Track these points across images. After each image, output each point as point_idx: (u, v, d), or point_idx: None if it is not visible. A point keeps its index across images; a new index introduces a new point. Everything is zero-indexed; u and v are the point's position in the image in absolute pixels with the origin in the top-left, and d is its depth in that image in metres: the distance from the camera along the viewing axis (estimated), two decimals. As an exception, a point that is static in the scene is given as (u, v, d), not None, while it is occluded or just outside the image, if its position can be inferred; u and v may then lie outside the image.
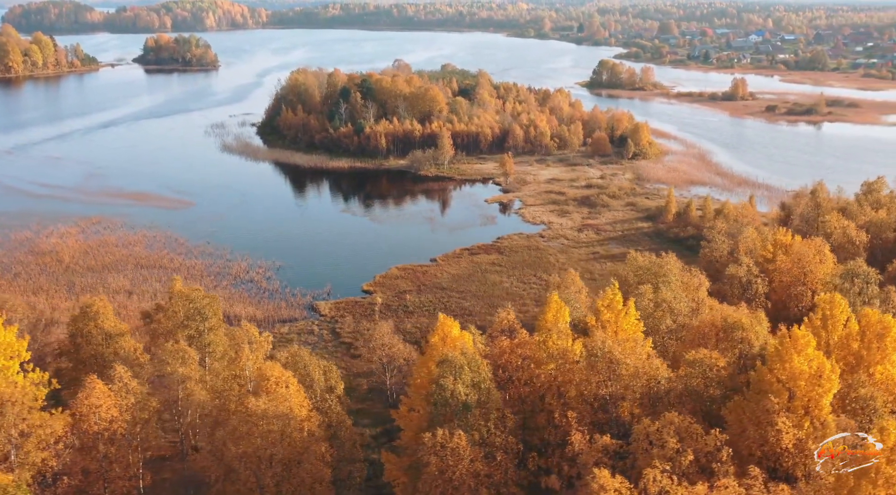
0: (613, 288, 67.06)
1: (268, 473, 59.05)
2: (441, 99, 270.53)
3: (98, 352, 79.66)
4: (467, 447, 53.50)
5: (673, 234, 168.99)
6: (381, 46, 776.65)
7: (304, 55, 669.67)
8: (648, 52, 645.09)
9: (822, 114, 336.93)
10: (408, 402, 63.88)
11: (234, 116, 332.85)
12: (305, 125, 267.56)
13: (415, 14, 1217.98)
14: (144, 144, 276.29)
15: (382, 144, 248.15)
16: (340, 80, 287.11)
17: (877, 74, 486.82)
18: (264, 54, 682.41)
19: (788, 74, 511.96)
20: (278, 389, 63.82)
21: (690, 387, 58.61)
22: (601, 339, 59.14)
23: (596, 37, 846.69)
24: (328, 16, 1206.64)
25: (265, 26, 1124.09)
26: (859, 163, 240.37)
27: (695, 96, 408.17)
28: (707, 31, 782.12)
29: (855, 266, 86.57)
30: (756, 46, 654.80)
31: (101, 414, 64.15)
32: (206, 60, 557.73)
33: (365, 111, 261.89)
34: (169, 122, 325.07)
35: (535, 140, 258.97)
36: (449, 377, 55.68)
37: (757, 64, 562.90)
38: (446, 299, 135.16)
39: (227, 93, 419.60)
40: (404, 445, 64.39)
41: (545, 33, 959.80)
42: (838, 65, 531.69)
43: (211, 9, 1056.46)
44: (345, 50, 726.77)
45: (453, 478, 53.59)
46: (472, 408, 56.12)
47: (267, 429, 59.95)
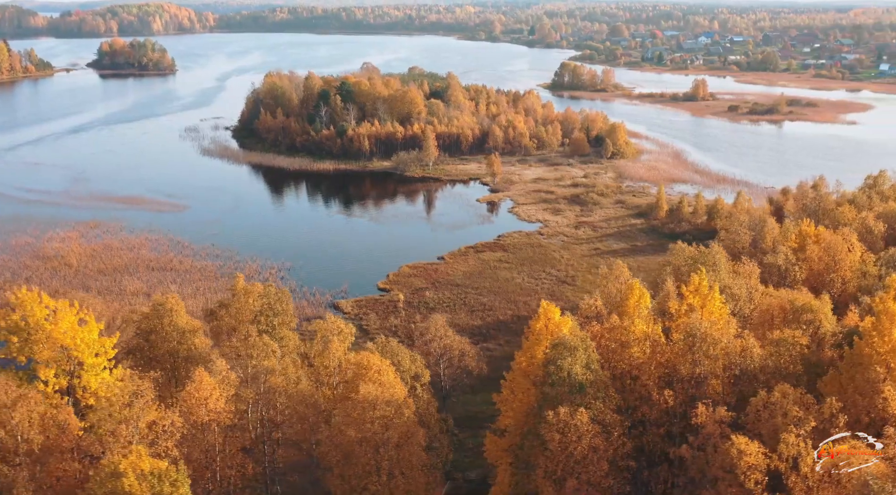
0: (701, 273, 70.81)
1: (385, 456, 61.76)
2: (420, 101, 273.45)
3: (172, 349, 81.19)
4: (588, 423, 56.80)
5: (668, 230, 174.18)
6: (334, 50, 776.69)
7: (259, 59, 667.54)
8: (602, 55, 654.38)
9: (783, 113, 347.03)
10: (509, 386, 66.87)
11: (205, 120, 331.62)
12: (285, 128, 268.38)
13: (363, 18, 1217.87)
14: (122, 149, 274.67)
15: (366, 146, 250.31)
16: (316, 83, 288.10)
17: (827, 75, 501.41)
18: (219, 58, 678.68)
19: (741, 75, 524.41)
20: (380, 377, 66.48)
21: (778, 365, 62.65)
22: (698, 320, 62.94)
23: (547, 39, 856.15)
24: (276, 20, 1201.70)
25: (213, 30, 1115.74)
26: (826, 160, 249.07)
27: (656, 97, 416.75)
28: (657, 34, 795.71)
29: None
30: (707, 48, 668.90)
31: (209, 405, 66.18)
32: (164, 65, 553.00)
33: (346, 114, 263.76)
34: (139, 127, 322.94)
35: (515, 141, 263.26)
36: (567, 358, 58.97)
37: (710, 65, 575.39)
38: (464, 295, 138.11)
39: (192, 97, 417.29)
40: (503, 427, 67.37)
41: (496, 36, 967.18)
42: (789, 65, 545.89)
43: (158, 13, 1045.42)
44: (299, 54, 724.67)
45: (575, 453, 56.86)
46: (586, 388, 59.51)
47: (381, 415, 62.66)
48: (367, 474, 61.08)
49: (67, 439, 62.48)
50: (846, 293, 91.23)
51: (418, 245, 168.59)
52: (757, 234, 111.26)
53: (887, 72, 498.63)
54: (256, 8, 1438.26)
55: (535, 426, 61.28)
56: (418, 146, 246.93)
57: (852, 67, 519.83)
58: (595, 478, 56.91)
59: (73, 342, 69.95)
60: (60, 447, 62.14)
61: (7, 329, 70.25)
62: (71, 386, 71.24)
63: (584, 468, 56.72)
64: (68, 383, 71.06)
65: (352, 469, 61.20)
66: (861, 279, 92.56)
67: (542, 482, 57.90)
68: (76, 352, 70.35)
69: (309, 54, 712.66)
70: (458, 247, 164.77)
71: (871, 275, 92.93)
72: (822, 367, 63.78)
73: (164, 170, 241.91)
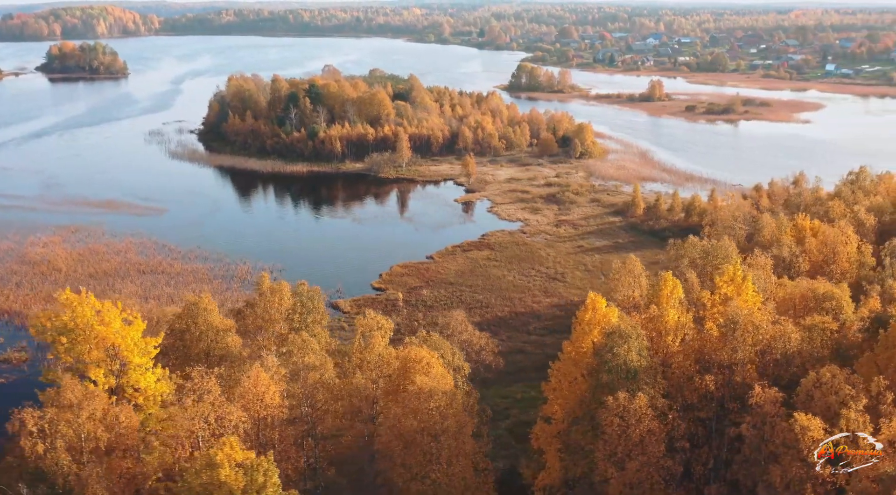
0: (736, 264, 74.14)
1: (445, 444, 63.91)
2: (388, 103, 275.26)
3: (207, 348, 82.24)
4: (646, 407, 59.62)
5: (647, 227, 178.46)
6: (285, 52, 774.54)
7: (209, 62, 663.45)
8: (554, 56, 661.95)
9: (738, 113, 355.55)
10: (557, 375, 69.34)
11: (168, 123, 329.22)
12: (255, 131, 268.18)
13: (311, 20, 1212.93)
14: (89, 153, 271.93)
15: (338, 148, 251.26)
16: (283, 86, 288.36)
17: (776, 75, 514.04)
18: (169, 61, 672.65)
19: (692, 75, 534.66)
20: (430, 369, 68.60)
21: (811, 349, 66.24)
22: (737, 307, 66.17)
23: (497, 41, 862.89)
24: (222, 22, 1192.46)
25: (158, 33, 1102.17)
26: (787, 158, 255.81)
27: (614, 98, 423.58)
28: (605, 35, 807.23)
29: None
30: (656, 49, 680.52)
31: (265, 400, 67.65)
32: (115, 68, 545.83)
33: (315, 116, 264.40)
34: (102, 131, 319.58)
35: (484, 141, 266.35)
36: (623, 345, 61.69)
37: (661, 66, 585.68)
38: (459, 293, 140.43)
39: (149, 100, 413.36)
40: (550, 414, 69.87)
41: (445, 38, 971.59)
42: (737, 66, 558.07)
43: (101, 16, 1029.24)
44: (250, 56, 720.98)
45: (633, 436, 59.63)
46: (640, 374, 62.35)
47: (437, 405, 64.81)
48: (429, 462, 63.10)
49: (130, 437, 63.57)
50: (845, 282, 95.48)
51: (405, 245, 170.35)
52: (752, 229, 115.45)
53: (833, 72, 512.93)
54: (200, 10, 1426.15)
55: (588, 412, 63.91)
56: (390, 148, 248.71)
57: (799, 68, 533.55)
58: (653, 459, 59.74)
59: (124, 342, 70.88)
60: (124, 444, 63.20)
61: (56, 330, 70.91)
62: (119, 385, 72.11)
63: (643, 450, 59.48)
64: (117, 383, 71.95)
65: (413, 457, 63.20)
66: (859, 269, 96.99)
67: (602, 464, 60.49)
68: (126, 352, 71.27)
69: (259, 57, 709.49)
70: (444, 247, 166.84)
71: (868, 265, 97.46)
72: (850, 350, 67.45)
73: (135, 173, 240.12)
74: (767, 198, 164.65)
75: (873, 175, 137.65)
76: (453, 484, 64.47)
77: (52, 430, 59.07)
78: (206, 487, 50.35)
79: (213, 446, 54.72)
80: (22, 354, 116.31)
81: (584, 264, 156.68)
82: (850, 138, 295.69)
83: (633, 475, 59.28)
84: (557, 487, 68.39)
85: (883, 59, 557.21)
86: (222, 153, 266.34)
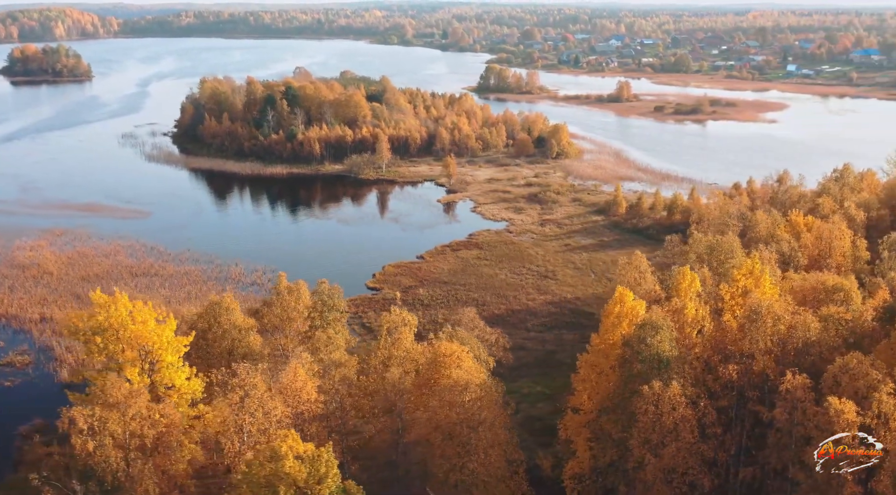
0: (754, 258, 76.89)
1: (483, 435, 65.84)
2: (365, 105, 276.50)
3: (231, 347, 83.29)
4: (680, 395, 62.01)
5: (631, 225, 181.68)
6: (249, 54, 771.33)
7: (173, 65, 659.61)
8: (519, 58, 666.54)
9: (706, 113, 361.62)
10: (585, 366, 71.47)
11: (140, 126, 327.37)
12: (232, 133, 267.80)
13: (272, 22, 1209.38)
14: (64, 157, 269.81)
15: (317, 150, 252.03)
16: (258, 88, 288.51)
17: (738, 75, 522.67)
18: (132, 64, 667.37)
19: (656, 76, 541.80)
20: (463, 363, 70.47)
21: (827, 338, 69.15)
22: (759, 298, 68.87)
23: (461, 43, 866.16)
24: (182, 24, 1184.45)
25: (117, 35, 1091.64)
26: (757, 157, 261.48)
27: (582, 99, 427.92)
28: (568, 37, 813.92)
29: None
30: (619, 51, 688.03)
31: (302, 395, 69.08)
32: (79, 71, 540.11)
33: (293, 118, 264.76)
34: (74, 134, 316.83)
35: (461, 142, 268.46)
36: (656, 336, 64.04)
37: (625, 67, 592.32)
38: (454, 292, 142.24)
39: (118, 103, 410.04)
40: (577, 405, 72.03)
41: (408, 40, 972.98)
42: (700, 67, 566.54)
43: (59, 18, 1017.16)
44: (213, 58, 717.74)
45: (667, 423, 61.98)
46: (671, 363, 64.79)
47: (473, 397, 66.78)
48: (467, 453, 64.93)
49: (173, 434, 64.65)
50: (852, 275, 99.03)
51: (394, 245, 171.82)
52: (745, 225, 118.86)
53: (794, 72, 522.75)
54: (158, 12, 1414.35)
55: (621, 401, 66.19)
56: (369, 149, 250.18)
57: (761, 68, 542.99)
58: (687, 445, 62.17)
59: (159, 340, 71.86)
60: (166, 441, 64.25)
61: (91, 329, 71.64)
62: (152, 383, 73.04)
63: (677, 436, 61.86)
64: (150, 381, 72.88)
65: (452, 449, 65.01)
66: (854, 263, 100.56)
67: (638, 450, 62.77)
68: (161, 351, 72.25)
69: (223, 59, 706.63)
70: (434, 247, 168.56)
71: (863, 259, 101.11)
72: (863, 339, 70.49)
73: (113, 176, 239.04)
74: (748, 195, 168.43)
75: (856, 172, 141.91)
76: (490, 474, 66.46)
77: (101, 428, 59.93)
78: (269, 479, 51.72)
79: (260, 441, 56.11)
80: (24, 357, 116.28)
81: (572, 262, 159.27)
82: (817, 137, 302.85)
83: (668, 460, 61.65)
84: (587, 475, 70.58)
85: (842, 60, 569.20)
86: (199, 155, 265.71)
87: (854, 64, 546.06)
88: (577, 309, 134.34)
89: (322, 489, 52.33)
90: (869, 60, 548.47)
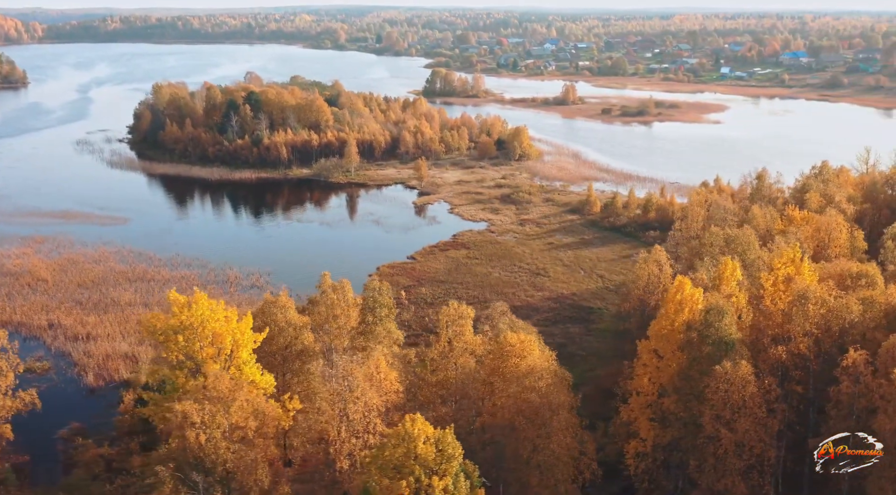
0: (794, 246, 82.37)
1: (563, 417, 70.04)
2: (327, 109, 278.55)
3: (288, 344, 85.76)
4: (750, 374, 67.09)
5: (608, 223, 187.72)
6: (184, 60, 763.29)
7: (109, 71, 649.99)
8: (457, 61, 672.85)
9: (652, 114, 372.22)
10: (646, 352, 75.96)
11: (92, 133, 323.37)
12: (195, 139, 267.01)
13: (201, 27, 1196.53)
14: (22, 164, 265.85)
15: (284, 155, 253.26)
16: (217, 93, 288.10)
17: (674, 78, 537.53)
18: (67, 70, 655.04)
19: (594, 79, 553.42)
20: (532, 352, 74.53)
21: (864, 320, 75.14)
22: (806, 283, 74.47)
23: (396, 47, 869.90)
24: (109, 29, 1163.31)
25: (42, 41, 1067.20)
26: (711, 156, 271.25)
27: (529, 102, 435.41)
28: (503, 41, 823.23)
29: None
30: (555, 54, 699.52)
31: (386, 386, 72.31)
32: (14, 77, 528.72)
33: (257, 123, 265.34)
34: (25, 142, 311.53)
35: (424, 145, 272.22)
36: (723, 320, 69.04)
37: (563, 70, 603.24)
38: (453, 290, 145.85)
39: (62, 110, 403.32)
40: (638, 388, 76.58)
41: (342, 44, 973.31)
42: (636, 70, 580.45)
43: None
44: (148, 64, 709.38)
45: (737, 400, 66.99)
46: (735, 345, 69.94)
47: (549, 382, 70.99)
48: (547, 435, 69.01)
49: (271, 425, 67.35)
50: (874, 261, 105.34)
51: (381, 246, 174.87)
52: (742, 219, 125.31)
53: (728, 74, 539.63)
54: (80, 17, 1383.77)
55: (686, 381, 71.01)
56: (335, 153, 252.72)
57: (696, 71, 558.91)
58: (758, 420, 67.32)
59: (241, 337, 74.30)
60: (264, 432, 66.89)
61: (173, 328, 73.63)
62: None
63: (748, 412, 66.92)
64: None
65: (535, 431, 68.99)
66: (853, 254, 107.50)
67: (711, 425, 67.61)
68: (240, 347, 74.67)
69: (158, 65, 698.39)
70: (422, 247, 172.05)
71: (860, 249, 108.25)
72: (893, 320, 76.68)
73: (80, 183, 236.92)
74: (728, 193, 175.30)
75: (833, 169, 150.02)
76: (569, 455, 70.70)
77: (210, 421, 62.30)
78: (402, 460, 55.03)
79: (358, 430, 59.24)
80: (43, 364, 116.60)
81: (560, 260, 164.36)
82: (763, 137, 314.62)
83: (742, 434, 66.67)
84: (649, 453, 75.26)
85: (772, 62, 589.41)
86: (162, 161, 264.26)
87: (784, 66, 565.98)
88: (576, 304, 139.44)
89: (449, 468, 55.82)
90: (798, 62, 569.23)
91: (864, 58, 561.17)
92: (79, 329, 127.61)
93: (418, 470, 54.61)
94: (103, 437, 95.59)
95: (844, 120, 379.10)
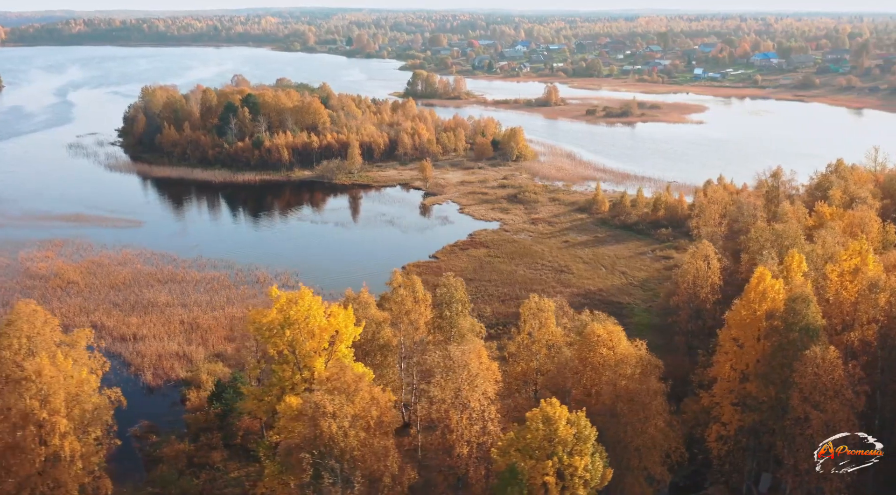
0: (861, 240, 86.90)
1: (659, 401, 73.90)
2: (324, 111, 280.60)
3: (372, 337, 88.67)
4: (837, 358, 71.39)
5: (618, 222, 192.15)
6: (155, 63, 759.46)
7: (82, 74, 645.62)
8: (431, 63, 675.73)
9: (636, 115, 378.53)
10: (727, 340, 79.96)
11: (82, 136, 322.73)
12: (194, 142, 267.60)
13: (166, 29, 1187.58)
14: (20, 169, 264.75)
15: (285, 157, 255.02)
16: (212, 96, 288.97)
17: (649, 79, 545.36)
18: (38, 73, 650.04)
19: (570, 81, 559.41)
20: (621, 342, 78.33)
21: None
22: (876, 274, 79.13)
23: (366, 49, 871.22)
24: (73, 32, 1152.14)
25: (5, 44, 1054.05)
26: (702, 156, 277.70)
27: (511, 103, 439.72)
28: (474, 43, 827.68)
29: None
30: (528, 56, 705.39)
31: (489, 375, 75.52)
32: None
33: (256, 126, 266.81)
34: (15, 145, 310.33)
35: (422, 147, 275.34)
36: (808, 307, 73.32)
37: (538, 72, 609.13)
38: (484, 288, 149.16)
39: (45, 114, 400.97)
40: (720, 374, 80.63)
41: (312, 47, 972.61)
42: (611, 71, 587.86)
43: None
44: (120, 67, 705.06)
45: (825, 383, 71.26)
46: (819, 332, 74.26)
47: (643, 370, 74.90)
48: (646, 419, 72.82)
49: (388, 414, 70.34)
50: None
51: (401, 246, 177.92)
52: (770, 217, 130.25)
53: (702, 75, 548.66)
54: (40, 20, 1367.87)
55: (773, 366, 75.11)
56: (336, 155, 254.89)
57: (669, 72, 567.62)
58: (845, 401, 71.62)
59: (346, 331, 77.22)
60: (384, 421, 69.86)
61: (282, 323, 76.21)
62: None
63: (836, 394, 71.21)
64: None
65: (635, 414, 72.74)
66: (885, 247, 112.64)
67: (800, 407, 71.77)
68: (343, 341, 77.52)
69: (130, 68, 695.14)
70: (441, 246, 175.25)
71: (891, 242, 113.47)
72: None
73: (83, 187, 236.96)
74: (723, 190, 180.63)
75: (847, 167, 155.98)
76: (664, 438, 74.59)
77: (339, 411, 65.12)
78: (545, 439, 58.45)
79: (473, 416, 62.57)
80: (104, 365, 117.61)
81: (579, 257, 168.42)
82: (747, 137, 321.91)
83: (831, 415, 70.93)
84: (731, 437, 79.32)
85: (743, 63, 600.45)
86: (160, 164, 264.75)
87: (755, 67, 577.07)
88: (606, 299, 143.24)
89: (585, 449, 59.37)
90: (769, 64, 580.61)
91: (833, 58, 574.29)
92: (124, 330, 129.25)
93: (560, 450, 58.02)
94: (176, 434, 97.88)
95: (820, 119, 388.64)
